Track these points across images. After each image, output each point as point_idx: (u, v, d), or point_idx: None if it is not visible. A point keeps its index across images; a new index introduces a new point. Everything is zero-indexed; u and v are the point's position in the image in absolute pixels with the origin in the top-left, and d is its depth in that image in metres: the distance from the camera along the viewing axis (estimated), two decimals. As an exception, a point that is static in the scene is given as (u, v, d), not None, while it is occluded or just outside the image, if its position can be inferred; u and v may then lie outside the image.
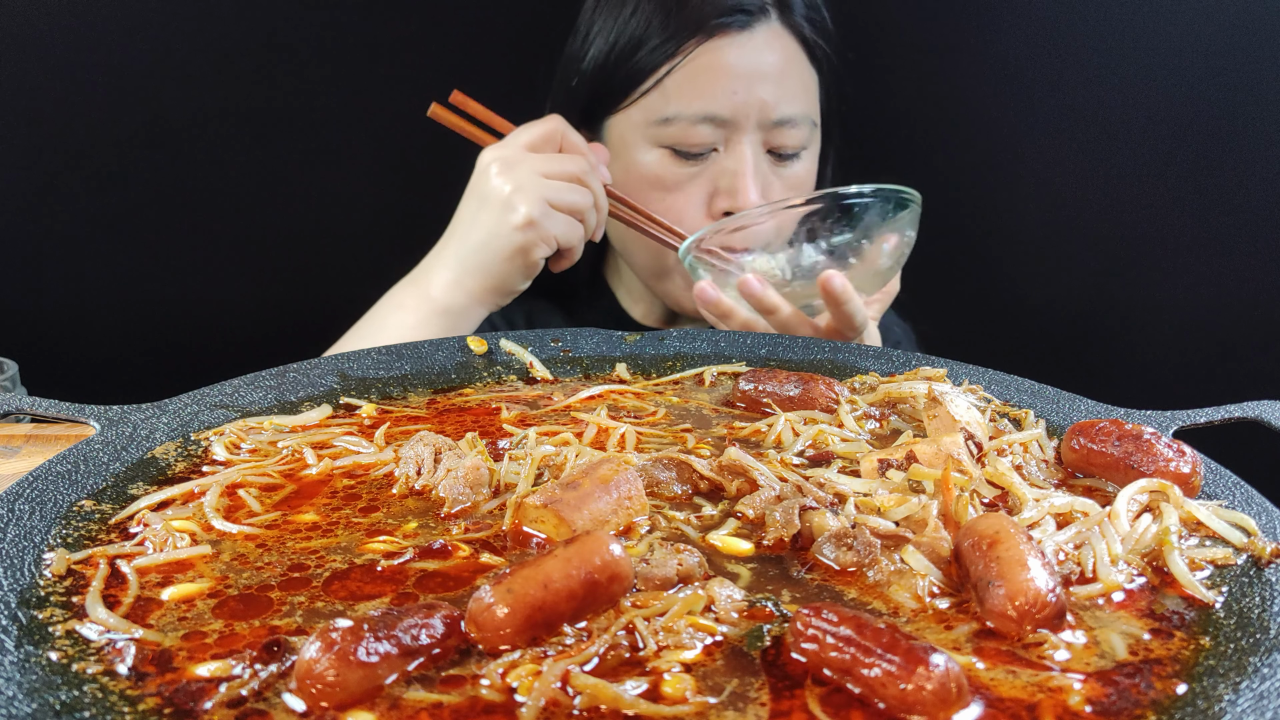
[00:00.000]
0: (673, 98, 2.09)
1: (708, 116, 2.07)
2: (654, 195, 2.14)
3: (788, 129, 2.12)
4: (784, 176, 2.17)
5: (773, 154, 2.15)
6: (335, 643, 0.76)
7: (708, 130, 2.09)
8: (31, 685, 0.76)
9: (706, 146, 2.10)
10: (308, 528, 1.05)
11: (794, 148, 2.15)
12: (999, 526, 0.91)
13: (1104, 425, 1.17)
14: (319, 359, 1.50)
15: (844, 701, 0.77)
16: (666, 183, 2.13)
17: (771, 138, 2.12)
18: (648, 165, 2.14)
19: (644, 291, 2.39)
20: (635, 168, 2.16)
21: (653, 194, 2.14)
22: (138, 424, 1.25)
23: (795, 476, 1.10)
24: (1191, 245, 2.56)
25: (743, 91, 2.07)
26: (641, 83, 2.12)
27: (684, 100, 2.08)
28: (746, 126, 2.09)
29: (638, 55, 2.12)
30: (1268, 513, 1.06)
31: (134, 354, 2.73)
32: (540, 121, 2.00)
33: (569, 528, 0.98)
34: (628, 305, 2.44)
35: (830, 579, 0.95)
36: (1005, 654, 0.83)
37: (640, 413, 1.39)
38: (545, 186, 1.91)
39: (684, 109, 2.08)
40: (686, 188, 2.13)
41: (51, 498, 1.06)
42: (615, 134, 2.20)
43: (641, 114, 2.14)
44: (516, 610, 0.81)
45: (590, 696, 0.76)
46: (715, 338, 1.68)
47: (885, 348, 1.69)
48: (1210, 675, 0.82)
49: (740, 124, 2.08)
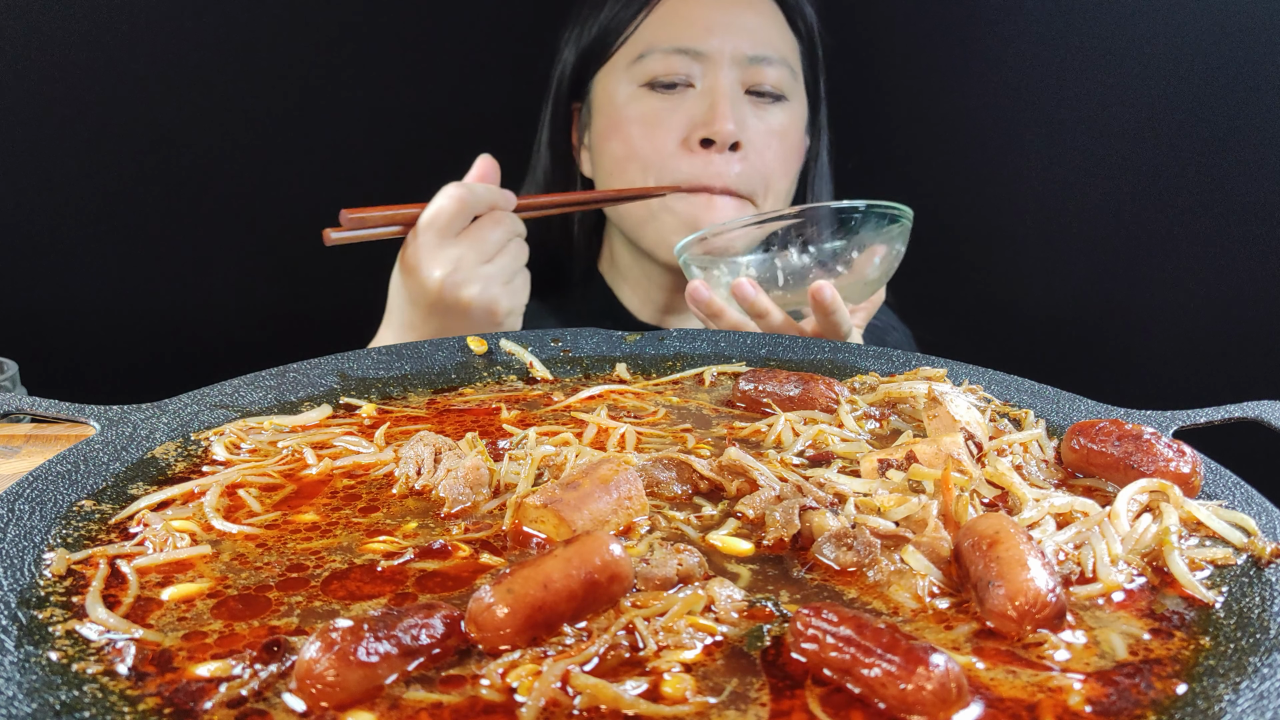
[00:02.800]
0: (649, 35, 2.19)
1: (681, 49, 2.15)
2: (635, 132, 2.19)
3: (764, 67, 2.18)
4: (765, 120, 2.20)
5: (752, 94, 2.19)
6: (335, 643, 0.76)
7: (683, 61, 2.15)
8: (31, 685, 0.76)
9: (682, 78, 2.16)
10: (308, 528, 1.05)
11: (773, 87, 2.19)
12: (999, 526, 0.91)
13: (1104, 425, 1.17)
14: (319, 359, 1.50)
15: (844, 701, 0.77)
16: (647, 118, 2.18)
17: (749, 76, 2.18)
18: (629, 104, 2.20)
19: (640, 281, 2.40)
20: (618, 111, 2.22)
21: (634, 130, 2.19)
22: (138, 424, 1.25)
23: (795, 476, 1.10)
24: (1191, 246, 2.56)
25: (717, 27, 2.15)
26: (623, 31, 2.21)
27: (659, 36, 2.18)
28: (721, 61, 2.15)
29: (623, 9, 2.22)
30: (1268, 513, 1.06)
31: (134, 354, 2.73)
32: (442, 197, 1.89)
33: (569, 528, 0.98)
34: (624, 297, 2.45)
35: (830, 579, 0.95)
36: (1005, 654, 0.83)
37: (640, 413, 1.39)
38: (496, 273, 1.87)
39: (658, 42, 2.17)
40: (666, 121, 2.17)
41: (51, 498, 1.06)
42: (600, 90, 2.27)
43: (623, 59, 2.22)
44: (516, 610, 0.81)
45: (590, 696, 0.76)
46: (715, 338, 1.68)
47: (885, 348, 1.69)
48: (1210, 675, 0.82)
49: (714, 57, 2.15)
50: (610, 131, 2.24)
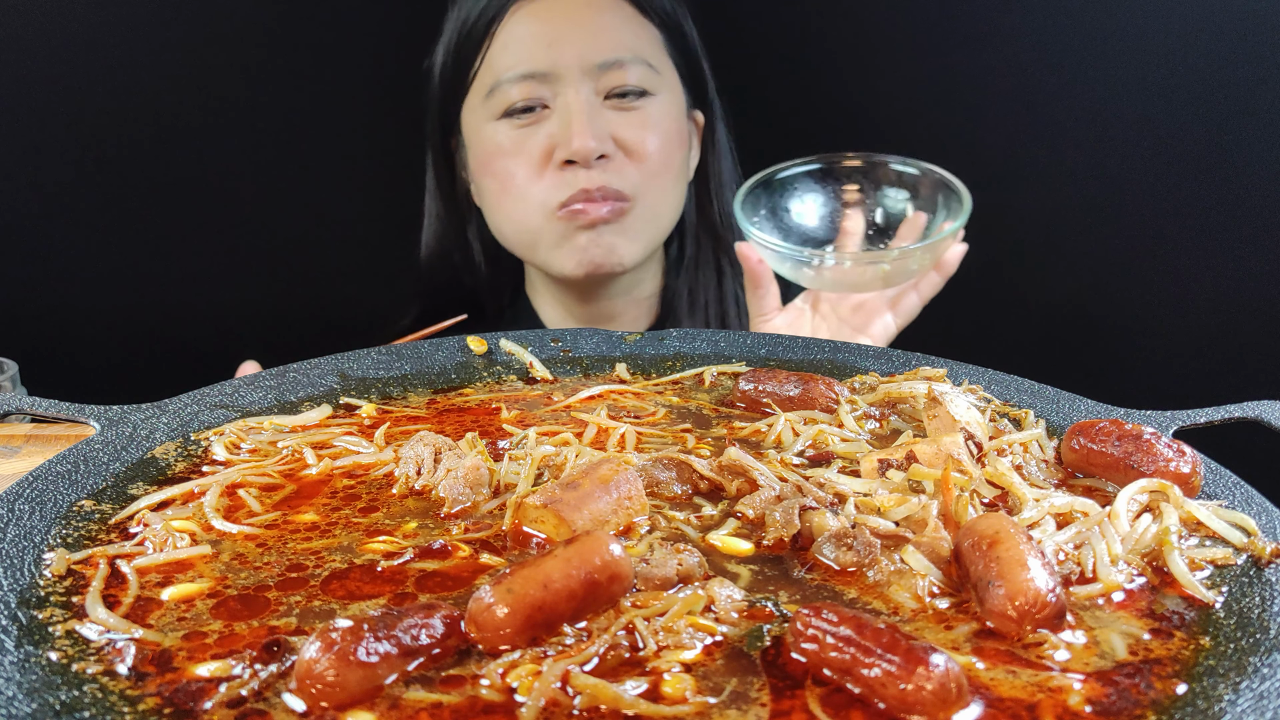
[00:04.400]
0: (496, 65, 2.15)
1: (526, 74, 2.12)
2: (499, 164, 2.16)
3: (616, 70, 2.14)
4: (633, 119, 2.16)
5: (615, 98, 2.16)
6: (335, 643, 0.76)
7: (531, 86, 2.12)
8: (31, 685, 0.76)
9: (534, 101, 2.13)
10: (307, 528, 1.05)
11: (634, 87, 2.15)
12: (999, 526, 0.91)
13: (1104, 425, 1.17)
14: (319, 359, 1.50)
15: (844, 701, 0.77)
16: (506, 149, 2.15)
17: (604, 83, 2.14)
18: (489, 139, 2.17)
19: (556, 297, 2.38)
20: (481, 147, 2.20)
21: (497, 163, 2.17)
22: (138, 424, 1.25)
23: (795, 476, 1.10)
24: (1191, 245, 2.56)
25: (560, 42, 2.11)
26: (472, 64, 2.18)
27: (504, 65, 2.14)
28: (570, 76, 2.11)
29: (465, 41, 2.19)
30: (1268, 513, 1.06)
31: (134, 354, 2.73)
32: None
33: (569, 528, 0.98)
34: (545, 315, 2.43)
35: (830, 579, 0.95)
36: (1005, 654, 0.83)
37: (640, 413, 1.39)
38: None
39: (503, 73, 2.13)
40: (525, 146, 2.14)
41: (51, 498, 1.06)
42: (467, 126, 2.25)
43: (477, 95, 2.19)
44: (516, 610, 0.81)
45: (590, 696, 0.76)
46: (715, 338, 1.68)
47: (885, 348, 1.69)
48: (1210, 675, 0.82)
49: (561, 75, 2.12)
50: (482, 168, 2.21)
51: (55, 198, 2.62)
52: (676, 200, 2.29)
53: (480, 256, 2.42)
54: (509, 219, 2.22)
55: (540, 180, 2.13)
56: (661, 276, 2.43)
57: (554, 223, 2.14)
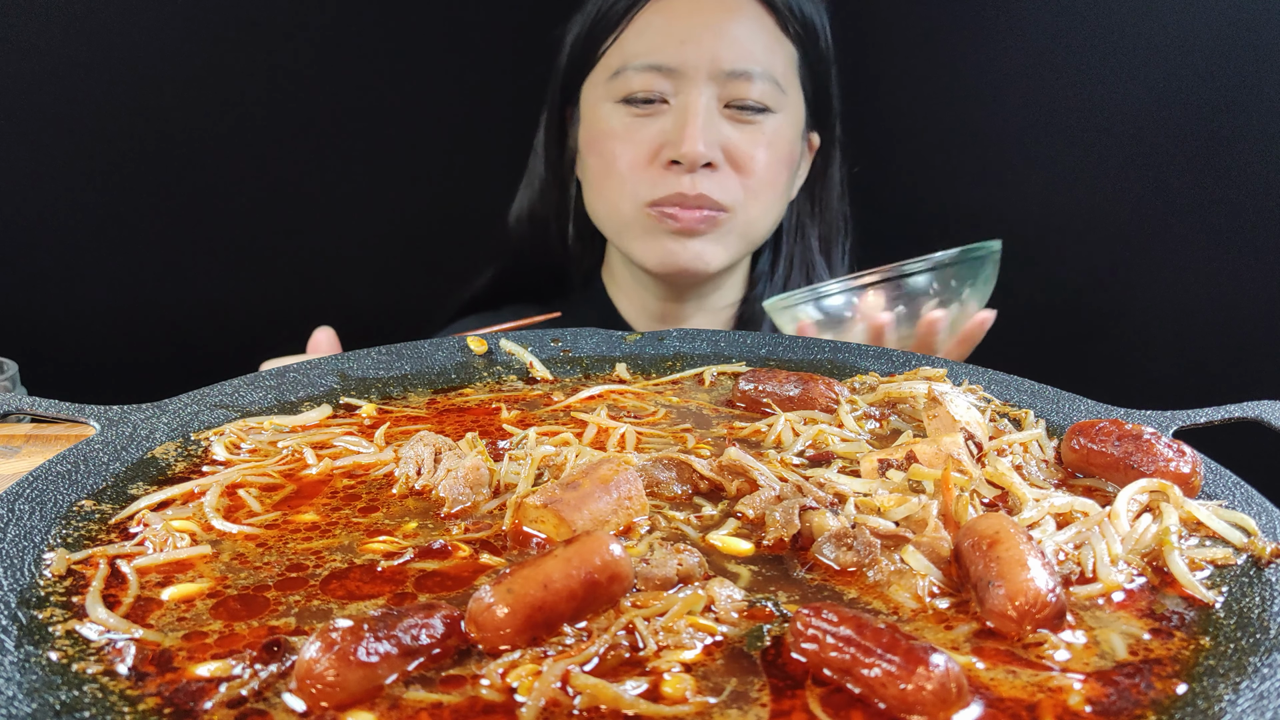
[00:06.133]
0: (626, 49, 2.16)
1: (653, 65, 2.12)
2: (609, 146, 2.18)
3: (742, 82, 2.12)
4: (748, 133, 2.15)
5: (734, 108, 2.15)
6: (335, 643, 0.76)
7: (655, 79, 2.12)
8: (31, 685, 0.76)
9: (655, 95, 2.13)
10: (307, 528, 1.05)
11: (755, 102, 2.14)
12: (999, 526, 0.91)
13: (1104, 425, 1.17)
14: (319, 359, 1.50)
15: (844, 701, 0.77)
16: (618, 133, 2.17)
17: (727, 91, 2.13)
18: (607, 119, 2.19)
19: (634, 289, 2.40)
20: (594, 125, 2.22)
21: (610, 146, 2.18)
22: (138, 424, 1.25)
23: (795, 476, 1.10)
24: (1192, 245, 2.56)
25: (694, 39, 2.10)
26: (602, 44, 2.19)
27: (634, 50, 2.15)
28: (695, 77, 2.11)
29: (604, 18, 2.19)
30: (1268, 513, 1.06)
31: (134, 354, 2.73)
32: None
33: (569, 528, 0.98)
34: (620, 305, 2.45)
35: (830, 579, 0.95)
36: (1005, 654, 0.83)
37: (640, 413, 1.39)
38: None
39: (632, 59, 2.14)
40: (636, 136, 2.15)
41: (51, 498, 1.06)
42: (585, 101, 2.26)
43: (602, 73, 2.20)
44: (516, 610, 0.81)
45: (590, 696, 0.76)
46: (715, 338, 1.68)
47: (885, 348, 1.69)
48: (1210, 675, 0.82)
49: (688, 74, 2.11)
50: (590, 145, 2.24)
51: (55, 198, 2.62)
52: (774, 217, 2.29)
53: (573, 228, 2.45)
54: (604, 199, 2.24)
55: (642, 172, 2.15)
56: (744, 289, 2.44)
57: (644, 217, 2.16)
